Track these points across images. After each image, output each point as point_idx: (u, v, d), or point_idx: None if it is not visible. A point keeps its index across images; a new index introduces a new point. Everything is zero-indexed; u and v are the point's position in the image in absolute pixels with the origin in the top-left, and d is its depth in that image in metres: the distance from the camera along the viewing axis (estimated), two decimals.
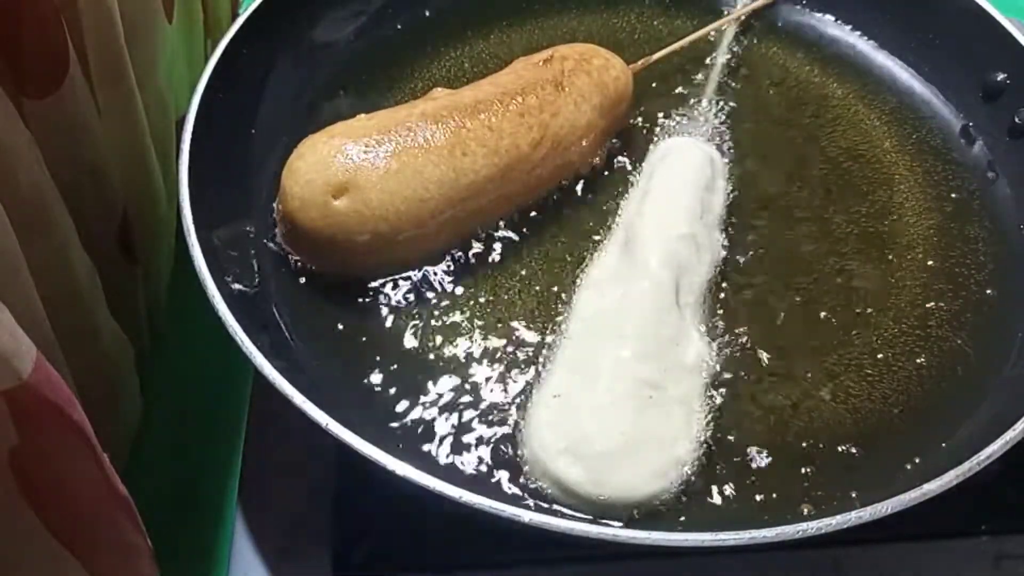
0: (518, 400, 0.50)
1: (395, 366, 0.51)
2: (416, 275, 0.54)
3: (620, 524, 0.44)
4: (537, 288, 0.55)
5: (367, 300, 0.54)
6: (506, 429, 0.48)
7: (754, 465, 0.48)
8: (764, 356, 0.52)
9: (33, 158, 0.41)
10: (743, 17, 0.70)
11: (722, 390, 0.50)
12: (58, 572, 0.34)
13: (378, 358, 0.51)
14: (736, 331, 0.53)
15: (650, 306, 0.51)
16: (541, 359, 0.51)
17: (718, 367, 0.51)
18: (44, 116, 0.42)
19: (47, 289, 0.40)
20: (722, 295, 0.54)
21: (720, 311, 0.54)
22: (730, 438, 0.49)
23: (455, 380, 0.50)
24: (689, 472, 0.47)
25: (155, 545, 0.39)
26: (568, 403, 0.48)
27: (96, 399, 0.41)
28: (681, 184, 0.57)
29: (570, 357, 0.50)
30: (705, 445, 0.48)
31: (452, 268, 0.55)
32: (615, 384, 0.48)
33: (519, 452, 0.47)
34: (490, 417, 0.49)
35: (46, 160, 0.42)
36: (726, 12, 0.71)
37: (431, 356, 0.52)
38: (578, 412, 0.47)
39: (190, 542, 0.52)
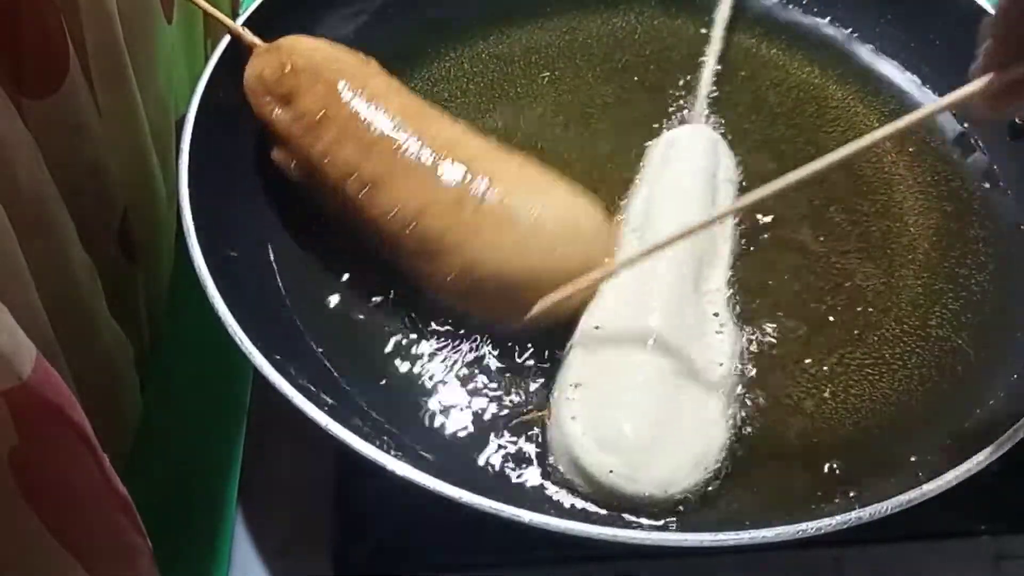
0: (531, 397, 0.50)
1: (396, 364, 0.51)
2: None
3: (664, 517, 0.44)
4: None
5: (366, 297, 0.54)
6: (515, 425, 0.49)
7: (754, 465, 0.48)
8: (764, 356, 0.52)
9: (33, 158, 0.41)
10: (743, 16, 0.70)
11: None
12: (58, 572, 0.34)
13: (379, 356, 0.51)
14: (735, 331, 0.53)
15: (671, 295, 0.50)
16: (559, 354, 0.51)
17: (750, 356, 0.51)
18: (44, 117, 0.42)
19: (47, 289, 0.40)
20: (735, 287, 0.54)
21: (740, 300, 0.54)
22: (729, 437, 0.48)
23: (459, 378, 0.51)
24: (724, 460, 0.46)
25: (155, 545, 0.39)
26: (595, 396, 0.47)
27: (96, 399, 0.41)
28: (691, 171, 0.57)
29: (593, 350, 0.49)
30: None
31: None
32: (642, 375, 0.47)
33: (541, 447, 0.47)
34: (497, 413, 0.49)
35: (46, 161, 0.42)
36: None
37: (434, 354, 0.52)
38: (607, 405, 0.47)
39: (190, 542, 0.52)
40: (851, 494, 0.46)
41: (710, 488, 0.46)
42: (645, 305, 0.50)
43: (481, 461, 0.47)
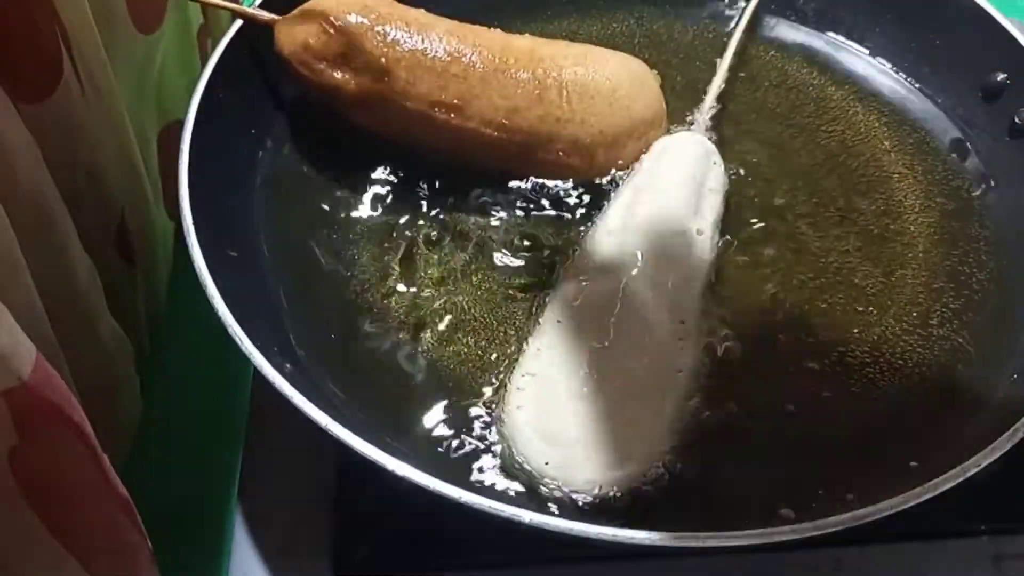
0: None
1: (392, 363, 0.51)
2: (406, 282, 0.55)
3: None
4: (522, 280, 0.55)
5: (366, 297, 0.54)
6: (468, 411, 0.49)
7: (754, 464, 0.48)
8: (764, 354, 0.52)
9: (33, 159, 0.41)
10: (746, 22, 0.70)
11: (721, 388, 0.50)
12: (57, 572, 0.34)
13: (375, 355, 0.51)
14: (735, 329, 0.53)
15: (637, 299, 0.50)
16: (525, 349, 0.51)
17: (716, 364, 0.51)
18: (40, 120, 0.42)
19: (47, 289, 0.40)
20: (722, 293, 0.54)
21: (720, 309, 0.53)
22: (730, 437, 0.48)
23: (454, 376, 0.51)
24: (668, 469, 0.46)
25: (155, 545, 0.39)
26: (544, 388, 0.48)
27: (96, 399, 0.41)
28: (678, 179, 0.57)
29: (551, 343, 0.50)
30: (701, 444, 0.48)
31: (438, 268, 0.55)
32: (593, 373, 0.48)
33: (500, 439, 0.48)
34: (490, 412, 0.49)
35: (44, 163, 0.42)
36: (724, 12, 0.71)
37: (428, 352, 0.52)
38: (554, 398, 0.47)
39: (190, 542, 0.52)
40: (850, 494, 0.46)
41: (680, 494, 0.46)
42: (608, 305, 0.50)
43: (461, 462, 0.47)
